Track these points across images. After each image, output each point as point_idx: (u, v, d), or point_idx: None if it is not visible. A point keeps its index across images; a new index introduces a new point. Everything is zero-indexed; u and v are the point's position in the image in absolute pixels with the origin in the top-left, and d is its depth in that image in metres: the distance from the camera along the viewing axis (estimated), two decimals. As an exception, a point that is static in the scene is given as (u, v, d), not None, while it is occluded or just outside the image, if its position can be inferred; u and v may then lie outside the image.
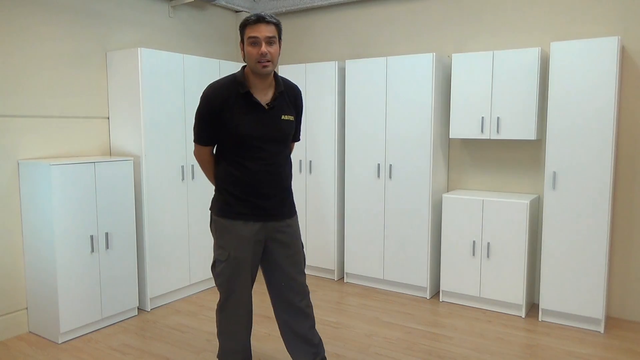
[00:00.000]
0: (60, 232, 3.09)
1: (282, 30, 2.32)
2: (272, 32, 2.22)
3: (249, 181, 2.32)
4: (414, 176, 3.92)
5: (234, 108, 2.27)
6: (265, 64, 2.22)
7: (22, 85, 3.26)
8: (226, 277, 2.36)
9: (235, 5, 4.77)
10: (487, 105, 3.66)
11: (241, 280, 2.37)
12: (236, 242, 2.33)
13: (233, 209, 2.33)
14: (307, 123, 4.43)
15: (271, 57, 2.23)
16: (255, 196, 2.33)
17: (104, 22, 3.73)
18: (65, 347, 3.10)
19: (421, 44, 4.25)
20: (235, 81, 2.30)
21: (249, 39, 2.22)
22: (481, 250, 3.65)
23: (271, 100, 2.34)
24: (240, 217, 2.33)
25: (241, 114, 2.27)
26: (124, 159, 3.46)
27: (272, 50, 2.23)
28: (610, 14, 3.45)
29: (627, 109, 3.45)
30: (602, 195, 3.21)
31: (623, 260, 3.52)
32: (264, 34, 2.20)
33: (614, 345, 3.13)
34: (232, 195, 2.34)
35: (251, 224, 2.33)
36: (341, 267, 4.49)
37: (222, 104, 2.27)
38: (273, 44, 2.24)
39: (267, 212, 2.36)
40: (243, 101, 2.28)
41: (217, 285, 2.41)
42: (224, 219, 2.35)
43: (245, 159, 2.31)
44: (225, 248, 2.35)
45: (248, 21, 2.22)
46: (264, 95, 2.33)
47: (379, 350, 3.05)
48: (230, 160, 2.34)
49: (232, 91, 2.28)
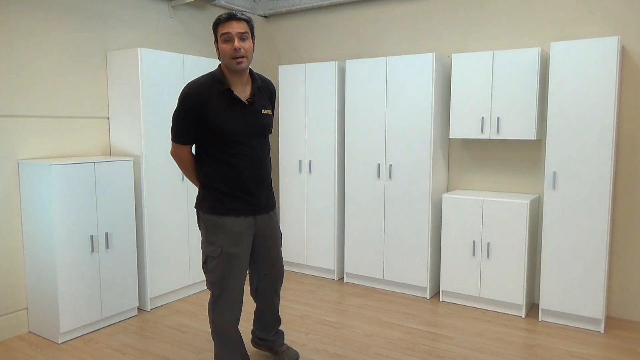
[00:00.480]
0: (60, 232, 3.09)
1: (254, 27, 2.38)
2: (244, 28, 2.29)
3: (236, 177, 2.37)
4: (414, 176, 3.92)
5: (215, 106, 2.30)
6: (239, 59, 2.27)
7: (22, 85, 3.26)
8: (220, 273, 2.39)
9: (235, 5, 4.77)
10: (487, 105, 3.66)
11: (235, 275, 2.41)
12: (229, 238, 2.37)
13: (223, 206, 2.37)
14: (307, 123, 4.43)
15: (245, 52, 2.28)
16: (243, 191, 2.39)
17: (104, 22, 3.73)
18: (65, 347, 3.10)
19: (421, 44, 4.25)
20: (214, 79, 2.34)
21: (222, 36, 2.28)
22: (481, 250, 3.65)
23: (250, 95, 2.40)
24: (231, 212, 2.38)
25: (223, 111, 2.31)
26: (124, 159, 3.46)
27: (246, 46, 2.29)
28: (610, 14, 3.45)
29: (627, 109, 3.45)
30: (602, 195, 3.21)
31: (623, 260, 3.52)
32: (236, 30, 2.26)
33: (614, 345, 3.13)
34: (220, 192, 2.38)
35: (242, 219, 2.40)
36: (341, 267, 4.49)
37: (204, 102, 2.29)
38: (246, 40, 2.30)
39: (256, 206, 2.45)
40: (224, 98, 2.33)
41: (209, 282, 2.44)
42: (215, 215, 2.38)
43: (230, 155, 2.35)
44: (217, 244, 2.37)
45: (220, 19, 2.29)
46: (243, 91, 2.40)
47: (379, 350, 3.05)
48: (215, 158, 2.37)
49: (213, 89, 2.32)
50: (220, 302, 2.44)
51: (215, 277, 2.40)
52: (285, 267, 4.75)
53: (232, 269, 2.39)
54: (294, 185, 4.56)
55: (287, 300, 3.92)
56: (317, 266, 4.53)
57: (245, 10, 4.88)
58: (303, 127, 4.44)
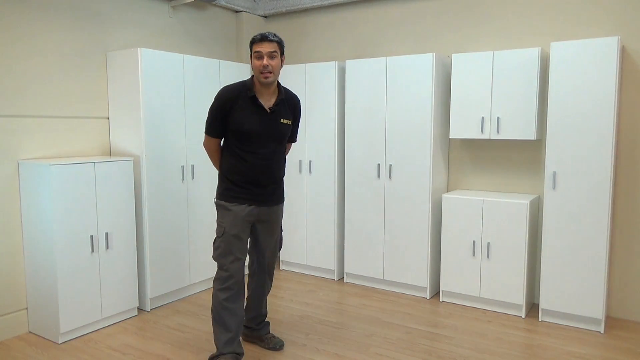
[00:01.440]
0: (60, 232, 3.09)
1: (284, 47, 2.73)
2: (274, 48, 2.65)
3: (248, 172, 2.73)
4: (414, 176, 3.92)
5: (241, 108, 2.68)
6: (266, 74, 2.63)
7: (22, 85, 3.26)
8: (223, 250, 2.75)
9: (235, 5, 4.77)
10: (487, 105, 3.66)
11: (234, 252, 2.74)
12: (230, 220, 2.73)
13: (232, 194, 2.75)
14: (307, 123, 4.43)
15: (272, 69, 2.64)
16: (252, 185, 2.75)
17: (104, 23, 3.73)
18: (65, 347, 3.10)
19: (421, 44, 4.25)
20: (245, 86, 2.72)
21: (254, 53, 2.66)
22: (481, 250, 3.65)
23: (273, 105, 2.74)
24: (237, 200, 2.74)
25: (247, 114, 2.68)
26: (124, 159, 3.46)
27: (274, 63, 2.64)
28: (610, 14, 3.45)
29: (627, 109, 3.45)
30: (602, 195, 3.21)
31: (623, 260, 3.52)
32: (266, 50, 2.63)
33: (614, 345, 3.13)
34: (232, 182, 2.75)
35: (245, 206, 2.75)
36: (341, 267, 4.49)
37: (232, 102, 2.68)
38: (274, 58, 2.65)
39: (260, 199, 2.78)
40: (249, 103, 2.69)
41: (214, 258, 2.79)
42: (224, 201, 2.77)
43: (246, 152, 2.71)
44: (222, 226, 2.75)
45: (255, 39, 2.66)
46: (268, 100, 2.75)
47: (379, 350, 3.05)
48: (234, 153, 2.74)
49: (242, 93, 2.70)
50: (221, 274, 2.75)
51: (218, 253, 2.76)
52: (285, 267, 4.75)
53: (232, 247, 2.73)
54: (294, 185, 4.57)
55: (287, 300, 3.92)
56: (317, 266, 4.53)
57: (245, 10, 4.88)
58: (303, 127, 4.44)
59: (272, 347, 3.04)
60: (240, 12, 4.92)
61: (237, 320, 2.76)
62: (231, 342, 2.73)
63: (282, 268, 4.77)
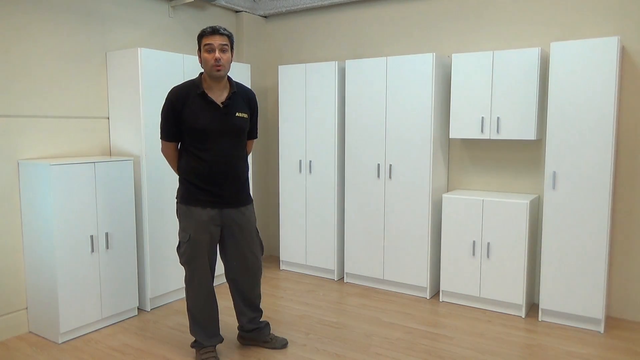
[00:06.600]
0: (60, 232, 3.09)
1: (234, 42, 2.72)
2: (225, 41, 2.62)
3: (206, 172, 2.66)
4: (414, 176, 3.92)
5: (192, 106, 2.63)
6: (218, 67, 2.59)
7: (22, 85, 3.26)
8: (188, 256, 2.73)
9: (235, 5, 4.77)
10: (487, 105, 3.66)
11: (200, 259, 2.72)
12: (195, 226, 2.69)
13: (192, 197, 2.69)
14: (307, 123, 4.43)
15: (223, 62, 2.60)
16: (212, 185, 2.68)
17: (104, 22, 3.73)
18: (65, 347, 3.10)
19: (421, 44, 4.25)
20: (194, 84, 2.69)
21: (205, 46, 2.61)
22: (481, 250, 3.65)
23: (226, 99, 2.69)
24: (199, 203, 2.68)
25: (198, 111, 2.63)
26: (124, 159, 3.46)
27: (225, 57, 2.61)
28: (610, 14, 3.46)
29: (627, 109, 3.45)
30: (602, 195, 3.21)
31: (623, 260, 3.53)
32: (218, 42, 2.59)
33: (614, 345, 3.13)
34: (192, 184, 2.69)
35: (208, 210, 2.69)
36: (341, 267, 4.49)
37: (182, 102, 2.63)
38: (226, 52, 2.62)
39: (223, 200, 2.71)
40: (200, 100, 2.65)
41: (181, 264, 2.78)
42: (185, 205, 2.72)
43: (203, 151, 2.65)
44: (186, 231, 2.71)
45: (205, 32, 2.62)
46: (219, 95, 2.70)
47: (379, 350, 3.06)
48: (190, 153, 2.68)
49: (191, 92, 2.66)
50: (192, 280, 2.77)
51: (184, 259, 2.75)
52: (285, 267, 4.75)
53: (198, 253, 2.71)
54: (294, 185, 4.56)
55: (287, 300, 3.92)
56: (317, 266, 4.53)
57: (245, 10, 4.88)
58: (303, 127, 4.45)
59: (277, 346, 3.02)
60: (240, 12, 4.92)
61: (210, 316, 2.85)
62: (209, 336, 2.86)
63: (282, 268, 4.77)
